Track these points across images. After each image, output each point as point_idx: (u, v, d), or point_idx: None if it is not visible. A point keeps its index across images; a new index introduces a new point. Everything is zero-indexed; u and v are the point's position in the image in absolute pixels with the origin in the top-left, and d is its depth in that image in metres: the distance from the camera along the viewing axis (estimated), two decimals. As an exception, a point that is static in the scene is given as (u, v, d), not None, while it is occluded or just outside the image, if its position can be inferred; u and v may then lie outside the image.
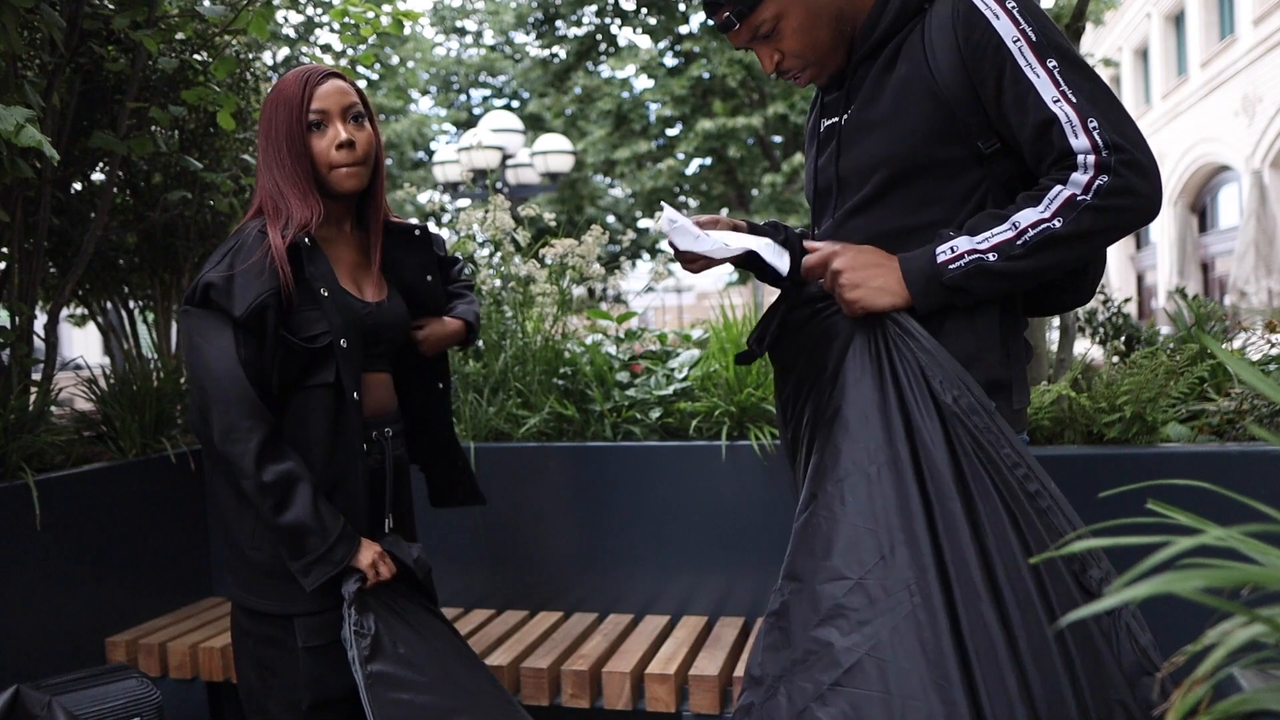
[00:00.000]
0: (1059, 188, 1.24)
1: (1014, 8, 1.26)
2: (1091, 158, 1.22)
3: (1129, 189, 1.22)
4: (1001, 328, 1.34)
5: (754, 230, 1.60)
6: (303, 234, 1.54)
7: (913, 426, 1.24)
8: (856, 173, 1.40)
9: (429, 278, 1.75)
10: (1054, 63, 1.24)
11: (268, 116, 1.57)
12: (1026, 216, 1.25)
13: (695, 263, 1.53)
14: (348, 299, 1.60)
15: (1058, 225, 1.23)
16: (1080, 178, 1.22)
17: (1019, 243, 1.25)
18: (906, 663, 1.13)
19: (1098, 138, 1.22)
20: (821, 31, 1.39)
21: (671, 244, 1.52)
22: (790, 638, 1.24)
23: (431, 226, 1.83)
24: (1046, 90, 1.24)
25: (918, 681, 1.12)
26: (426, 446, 1.82)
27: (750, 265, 1.60)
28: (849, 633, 1.17)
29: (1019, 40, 1.25)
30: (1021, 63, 1.25)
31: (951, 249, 1.28)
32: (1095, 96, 1.24)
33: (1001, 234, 1.26)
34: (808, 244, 1.40)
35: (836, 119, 1.44)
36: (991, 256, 1.26)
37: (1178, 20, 17.50)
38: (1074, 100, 1.23)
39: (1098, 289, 3.26)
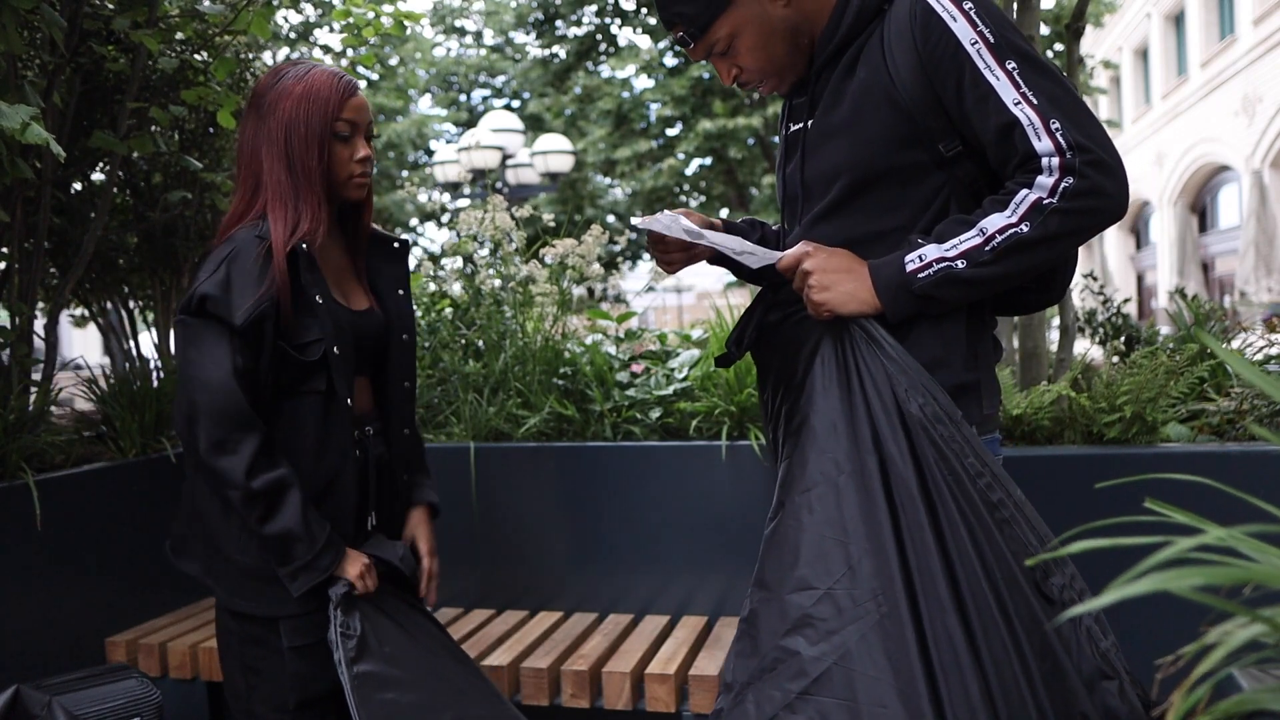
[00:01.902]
0: (1025, 191, 1.23)
1: (970, 9, 1.25)
2: (1056, 159, 1.21)
3: (1095, 189, 1.21)
4: (968, 330, 1.34)
5: (730, 229, 1.61)
6: (303, 241, 1.53)
7: (879, 437, 1.24)
8: (820, 180, 1.39)
9: (400, 291, 1.75)
10: (1013, 64, 1.23)
11: (292, 113, 1.54)
12: (994, 222, 1.24)
13: (674, 264, 1.54)
14: (338, 307, 1.60)
15: (1025, 230, 1.22)
16: (1045, 180, 1.21)
17: (987, 249, 1.24)
18: (874, 672, 1.14)
19: (1061, 139, 1.21)
20: (776, 47, 1.40)
21: (653, 242, 1.53)
22: (758, 645, 1.25)
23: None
24: (1007, 93, 1.23)
25: (884, 691, 1.13)
26: (392, 446, 1.79)
27: (731, 265, 1.60)
28: (817, 642, 1.19)
29: (977, 42, 1.24)
30: (980, 65, 1.24)
31: (920, 258, 1.27)
32: (1056, 97, 1.23)
33: (969, 240, 1.25)
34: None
35: (801, 125, 1.44)
36: (960, 264, 1.25)
37: (1178, 20, 17.50)
38: (1035, 101, 1.22)
39: (1098, 290, 3.27)
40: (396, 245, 1.77)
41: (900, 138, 1.31)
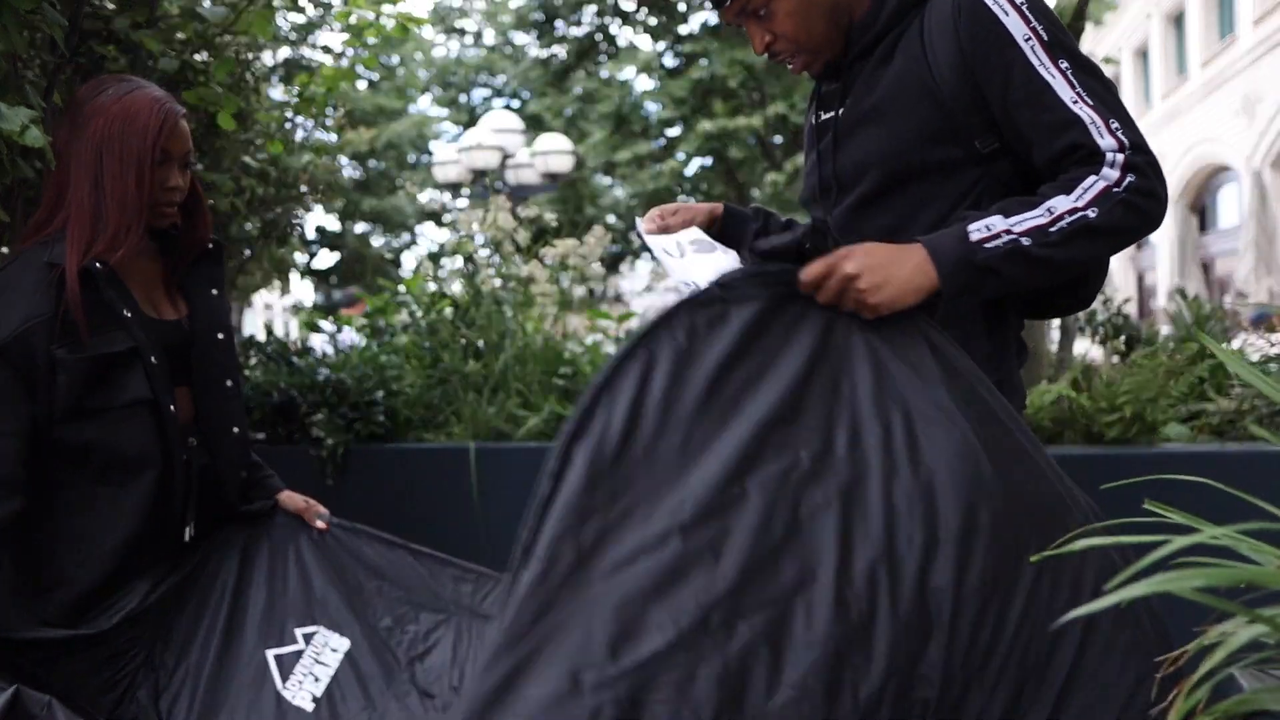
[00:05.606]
0: (1092, 178, 1.20)
1: (1023, 4, 1.24)
2: (1120, 156, 1.20)
3: (1153, 191, 1.21)
4: (987, 328, 1.32)
5: (735, 216, 1.55)
6: (94, 260, 1.49)
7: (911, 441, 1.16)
8: (851, 170, 1.38)
9: (213, 291, 1.72)
10: (1066, 64, 1.22)
11: (105, 132, 1.52)
12: (1060, 203, 1.20)
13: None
14: (146, 319, 1.58)
15: (1092, 215, 1.19)
16: (1111, 173, 1.20)
17: (1053, 230, 1.19)
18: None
19: (1122, 138, 1.20)
20: (816, 20, 1.36)
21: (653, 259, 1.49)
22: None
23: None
24: (1064, 91, 1.22)
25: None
26: (221, 449, 1.74)
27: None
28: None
29: (1030, 38, 1.23)
30: (1034, 61, 1.23)
31: (987, 227, 1.20)
32: (1109, 100, 1.23)
33: (1035, 219, 1.20)
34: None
35: (832, 113, 1.41)
36: (1026, 240, 1.20)
37: (1178, 20, 17.50)
38: (1091, 102, 1.21)
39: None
40: (211, 246, 1.74)
41: (935, 132, 1.29)
